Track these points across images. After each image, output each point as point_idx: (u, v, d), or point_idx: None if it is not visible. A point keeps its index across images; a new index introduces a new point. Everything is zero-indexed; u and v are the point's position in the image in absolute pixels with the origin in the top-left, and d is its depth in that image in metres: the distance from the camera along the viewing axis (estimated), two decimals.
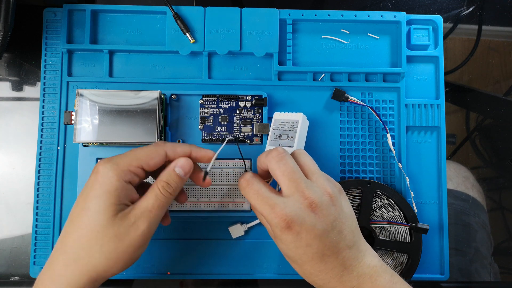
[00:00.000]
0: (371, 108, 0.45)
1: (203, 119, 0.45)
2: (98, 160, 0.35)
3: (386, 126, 0.46)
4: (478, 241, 0.48)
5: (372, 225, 0.43)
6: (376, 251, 0.42)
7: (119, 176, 0.33)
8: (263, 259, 0.44)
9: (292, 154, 0.38)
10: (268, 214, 0.35)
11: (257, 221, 0.44)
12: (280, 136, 0.42)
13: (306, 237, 0.34)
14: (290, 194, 0.35)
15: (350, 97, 0.45)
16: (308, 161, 0.38)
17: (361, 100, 0.46)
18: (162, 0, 0.45)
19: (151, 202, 0.34)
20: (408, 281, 0.42)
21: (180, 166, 0.36)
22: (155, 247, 0.44)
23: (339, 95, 0.45)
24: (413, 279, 0.43)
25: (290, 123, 0.42)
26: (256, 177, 0.37)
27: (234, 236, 0.44)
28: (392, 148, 0.45)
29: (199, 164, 0.40)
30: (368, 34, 0.47)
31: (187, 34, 0.44)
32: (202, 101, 0.45)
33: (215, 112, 0.45)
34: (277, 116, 0.43)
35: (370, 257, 0.36)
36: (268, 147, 0.42)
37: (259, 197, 0.36)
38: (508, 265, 0.48)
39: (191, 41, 0.45)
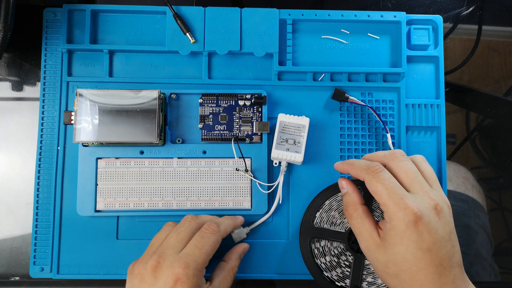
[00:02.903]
0: (371, 108, 0.45)
1: (203, 118, 0.45)
2: (171, 265, 0.35)
3: (386, 126, 0.46)
4: (478, 243, 0.48)
5: None
6: None
7: (201, 276, 0.36)
8: (263, 259, 0.44)
9: (412, 159, 0.37)
10: (396, 205, 0.33)
11: (258, 223, 0.44)
12: (286, 140, 0.43)
13: (428, 239, 0.32)
14: (415, 192, 0.34)
15: (350, 97, 0.45)
16: (429, 169, 0.37)
17: (361, 100, 0.46)
18: (162, 0, 0.45)
19: (229, 279, 0.39)
20: None
21: (243, 252, 0.42)
22: None
23: (339, 95, 0.45)
24: None
25: (297, 127, 0.43)
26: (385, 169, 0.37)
27: (236, 241, 0.43)
28: (392, 148, 0.45)
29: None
30: (368, 34, 0.48)
31: (187, 34, 0.45)
32: (201, 100, 0.45)
33: (214, 111, 0.45)
34: (283, 118, 0.43)
35: (471, 285, 0.34)
36: (274, 151, 0.43)
37: (390, 184, 0.34)
38: (508, 265, 0.48)
39: (191, 41, 0.45)
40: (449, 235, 0.33)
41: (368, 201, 0.43)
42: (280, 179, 0.44)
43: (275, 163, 0.45)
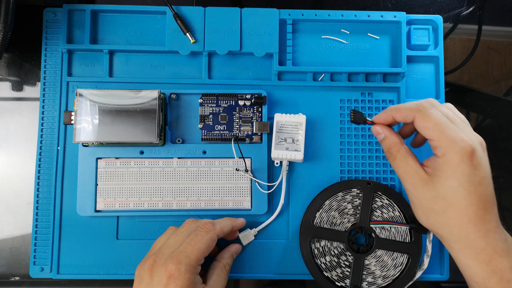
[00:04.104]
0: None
1: (203, 118, 0.45)
2: (165, 262, 0.35)
3: None
4: None
5: (372, 225, 0.43)
6: (376, 251, 0.42)
7: (194, 273, 0.36)
8: (263, 259, 0.44)
9: (445, 106, 0.38)
10: (451, 138, 0.33)
11: (265, 224, 0.44)
12: (285, 140, 0.43)
13: (480, 173, 0.33)
14: (462, 129, 0.34)
15: (368, 119, 0.40)
16: (462, 116, 0.37)
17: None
18: (162, 0, 0.45)
19: (221, 280, 0.39)
20: (408, 281, 0.42)
21: (236, 252, 0.42)
22: None
23: (360, 118, 0.39)
24: None
25: (294, 126, 0.43)
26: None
27: (244, 243, 0.44)
28: None
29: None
30: (368, 34, 0.48)
31: (187, 34, 0.45)
32: (201, 100, 0.45)
33: (214, 111, 0.45)
34: (279, 118, 0.44)
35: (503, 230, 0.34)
36: (273, 151, 0.43)
37: (442, 119, 0.34)
38: None
39: (191, 41, 0.45)
40: (488, 176, 0.34)
41: (368, 201, 0.43)
42: (283, 178, 0.44)
43: (276, 163, 0.45)
